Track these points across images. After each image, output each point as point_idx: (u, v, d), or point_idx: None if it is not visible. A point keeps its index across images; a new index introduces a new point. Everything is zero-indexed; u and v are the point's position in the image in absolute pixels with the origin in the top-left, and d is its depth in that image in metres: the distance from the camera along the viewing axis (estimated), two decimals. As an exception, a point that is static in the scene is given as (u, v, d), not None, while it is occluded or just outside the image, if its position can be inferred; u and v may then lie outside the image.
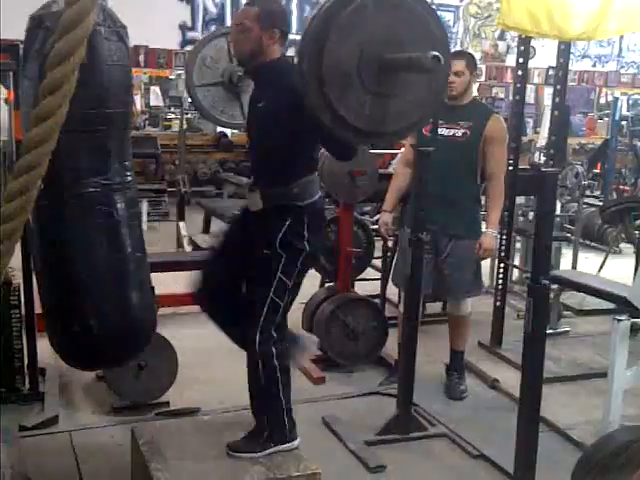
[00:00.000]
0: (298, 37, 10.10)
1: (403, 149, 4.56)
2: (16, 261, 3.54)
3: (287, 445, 3.05)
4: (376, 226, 4.74)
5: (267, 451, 3.01)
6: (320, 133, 2.71)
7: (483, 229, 4.29)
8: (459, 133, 4.18)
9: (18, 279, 3.92)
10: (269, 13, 2.90)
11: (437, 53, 2.32)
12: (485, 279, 6.58)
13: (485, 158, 4.18)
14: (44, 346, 3.47)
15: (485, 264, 6.77)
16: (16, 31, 3.19)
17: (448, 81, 3.87)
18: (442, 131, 4.17)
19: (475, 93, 4.23)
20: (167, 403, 4.00)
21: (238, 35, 2.94)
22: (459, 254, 4.20)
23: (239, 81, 3.65)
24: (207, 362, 4.62)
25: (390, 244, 5.21)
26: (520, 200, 6.40)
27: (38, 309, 3.34)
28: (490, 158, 4.18)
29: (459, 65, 4.10)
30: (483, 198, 4.44)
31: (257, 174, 3.10)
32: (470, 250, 4.18)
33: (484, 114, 4.26)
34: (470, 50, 11.95)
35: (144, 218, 8.20)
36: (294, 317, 5.03)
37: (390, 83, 2.51)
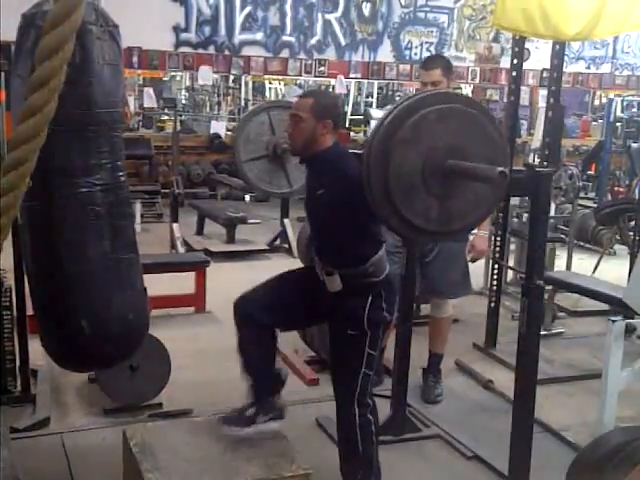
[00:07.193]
0: (292, 39, 10.11)
1: None
2: (8, 262, 3.54)
3: None
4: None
5: None
6: None
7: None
8: None
9: (10, 280, 3.90)
10: (323, 104, 2.98)
11: (503, 169, 2.41)
12: (479, 280, 6.62)
13: None
14: (36, 348, 3.44)
15: (479, 265, 6.83)
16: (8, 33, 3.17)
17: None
18: None
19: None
20: (160, 405, 3.98)
21: (294, 126, 2.99)
22: (446, 256, 4.14)
23: (283, 152, 3.84)
24: (200, 364, 4.60)
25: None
26: (514, 201, 6.39)
27: (30, 310, 3.32)
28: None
29: (435, 75, 4.00)
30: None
31: (328, 258, 3.06)
32: (458, 251, 4.14)
33: None
34: (464, 52, 11.96)
35: (137, 219, 8.19)
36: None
37: (454, 186, 2.59)
